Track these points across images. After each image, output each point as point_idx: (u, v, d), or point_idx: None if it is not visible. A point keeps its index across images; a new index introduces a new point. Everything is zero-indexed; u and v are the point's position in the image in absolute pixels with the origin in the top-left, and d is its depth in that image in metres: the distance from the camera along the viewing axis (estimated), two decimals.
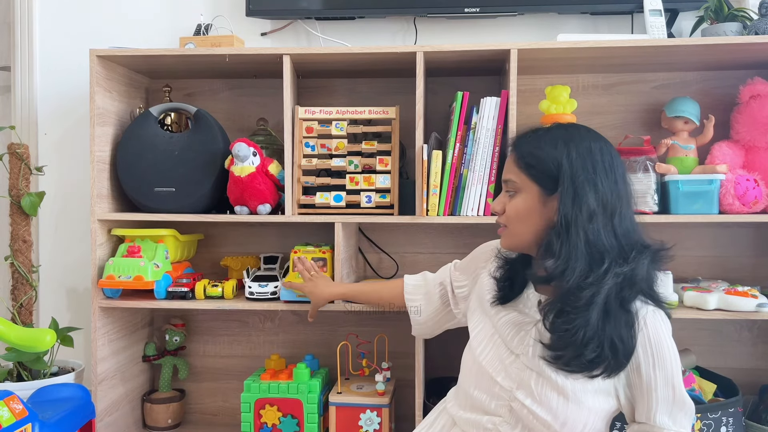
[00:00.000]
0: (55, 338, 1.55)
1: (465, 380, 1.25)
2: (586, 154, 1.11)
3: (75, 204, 2.09)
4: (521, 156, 1.16)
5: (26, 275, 1.82)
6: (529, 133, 1.20)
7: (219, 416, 2.08)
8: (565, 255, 1.07)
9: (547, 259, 1.09)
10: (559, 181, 1.10)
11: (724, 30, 1.73)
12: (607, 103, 1.92)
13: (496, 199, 1.22)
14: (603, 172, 1.11)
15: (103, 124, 1.79)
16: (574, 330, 1.06)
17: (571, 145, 1.12)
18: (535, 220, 1.14)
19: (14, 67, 2.12)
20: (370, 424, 1.71)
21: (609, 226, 1.09)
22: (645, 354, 1.09)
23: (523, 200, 1.15)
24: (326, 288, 1.63)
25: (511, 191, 1.17)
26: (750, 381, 1.86)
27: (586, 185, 1.09)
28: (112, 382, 1.83)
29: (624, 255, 1.08)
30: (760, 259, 1.90)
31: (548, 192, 1.12)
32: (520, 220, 1.15)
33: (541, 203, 1.13)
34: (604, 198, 1.09)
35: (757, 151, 1.76)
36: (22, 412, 1.39)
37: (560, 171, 1.10)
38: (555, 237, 1.09)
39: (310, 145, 1.74)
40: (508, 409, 1.15)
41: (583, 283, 1.06)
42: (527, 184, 1.14)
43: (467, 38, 1.99)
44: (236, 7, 2.03)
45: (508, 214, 1.17)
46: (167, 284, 1.75)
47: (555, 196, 1.11)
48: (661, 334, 1.09)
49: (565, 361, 1.09)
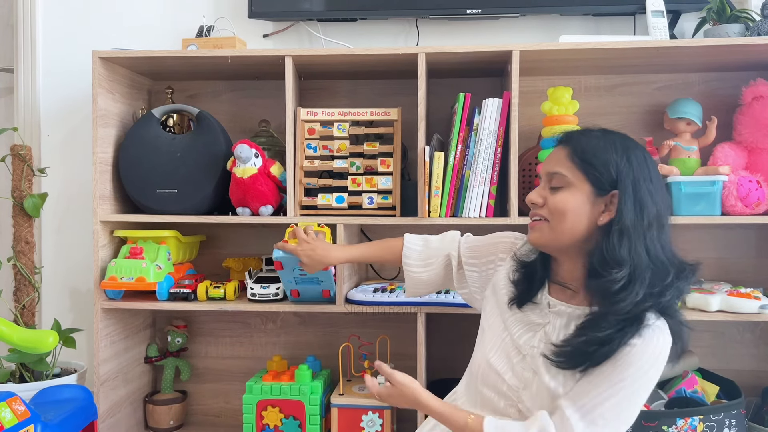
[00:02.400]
0: (58, 339, 1.55)
1: (475, 377, 1.24)
2: (643, 163, 1.11)
3: (77, 205, 2.10)
4: (578, 151, 1.12)
5: (29, 276, 1.82)
6: (584, 131, 1.18)
7: (221, 417, 2.08)
8: (630, 263, 1.05)
9: (612, 268, 1.06)
10: (619, 183, 1.08)
11: (726, 31, 1.73)
12: (610, 105, 1.92)
13: (534, 191, 1.17)
14: (658, 182, 1.12)
15: (105, 126, 1.79)
16: (591, 341, 1.06)
17: (630, 150, 1.11)
18: (581, 219, 1.11)
19: (17, 68, 2.12)
20: (372, 426, 1.71)
21: (661, 238, 1.09)
22: (617, 357, 1.05)
23: (572, 196, 1.11)
24: (325, 252, 1.47)
25: (557, 185, 1.13)
26: (753, 383, 1.85)
27: (646, 193, 1.08)
28: (114, 384, 1.83)
29: (667, 270, 1.08)
30: (763, 260, 1.90)
31: (600, 193, 1.10)
32: (564, 216, 1.11)
33: (590, 203, 1.10)
34: (659, 208, 1.09)
35: (760, 153, 1.75)
36: (25, 413, 1.40)
37: (620, 173, 1.09)
38: (616, 242, 1.06)
39: (312, 146, 1.74)
40: (516, 409, 1.15)
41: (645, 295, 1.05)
42: (580, 180, 1.11)
43: (469, 40, 1.99)
44: (238, 9, 2.03)
45: (552, 207, 1.13)
46: (169, 285, 1.76)
47: (604, 199, 1.10)
48: (645, 353, 1.05)
49: (564, 362, 1.09)
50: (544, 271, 1.20)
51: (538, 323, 1.17)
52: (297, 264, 1.55)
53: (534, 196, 1.16)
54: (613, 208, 1.09)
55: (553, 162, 1.16)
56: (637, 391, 1.06)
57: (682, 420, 1.53)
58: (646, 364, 1.05)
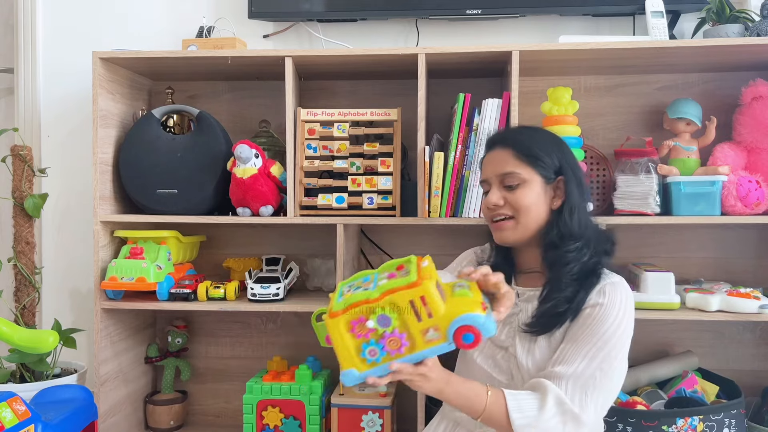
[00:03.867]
0: (58, 340, 1.56)
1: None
2: (568, 148, 1.29)
3: (78, 206, 2.10)
4: (524, 148, 1.25)
5: (29, 277, 1.82)
6: (516, 131, 1.36)
7: (221, 418, 2.08)
8: (581, 234, 1.22)
9: (569, 241, 1.21)
10: (563, 170, 1.25)
11: (725, 31, 1.73)
12: (609, 105, 1.92)
13: (491, 194, 1.26)
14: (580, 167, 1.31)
15: (105, 126, 1.79)
16: (558, 302, 1.19)
17: (559, 140, 1.30)
18: (541, 208, 1.24)
19: (17, 69, 2.12)
20: (372, 426, 1.71)
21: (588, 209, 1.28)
22: (590, 319, 1.17)
23: (530, 190, 1.24)
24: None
25: (512, 184, 1.24)
26: (752, 383, 1.85)
27: (580, 172, 1.27)
28: (115, 384, 1.84)
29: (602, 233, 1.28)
30: (763, 260, 1.90)
31: (549, 181, 1.25)
32: (529, 209, 1.23)
33: (544, 192, 1.25)
34: (586, 186, 1.29)
35: (759, 153, 1.75)
36: (25, 413, 1.40)
37: (561, 161, 1.25)
38: (568, 219, 1.22)
39: (312, 146, 1.74)
40: None
41: (584, 259, 1.21)
42: (531, 174, 1.24)
43: (469, 40, 1.99)
44: (238, 10, 2.03)
45: (517, 205, 1.24)
46: (170, 286, 1.76)
47: (552, 185, 1.25)
48: (614, 308, 1.17)
49: (541, 329, 1.20)
50: (509, 266, 1.30)
51: (512, 314, 1.26)
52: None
53: (494, 198, 1.26)
54: (561, 192, 1.25)
55: (500, 164, 1.26)
56: (618, 342, 1.16)
57: (681, 420, 1.53)
58: (618, 316, 1.17)
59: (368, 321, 0.98)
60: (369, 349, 1.00)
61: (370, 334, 0.99)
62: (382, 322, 0.98)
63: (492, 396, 1.12)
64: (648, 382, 1.77)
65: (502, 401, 1.11)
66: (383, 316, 0.98)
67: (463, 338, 0.98)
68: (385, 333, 0.99)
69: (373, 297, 0.99)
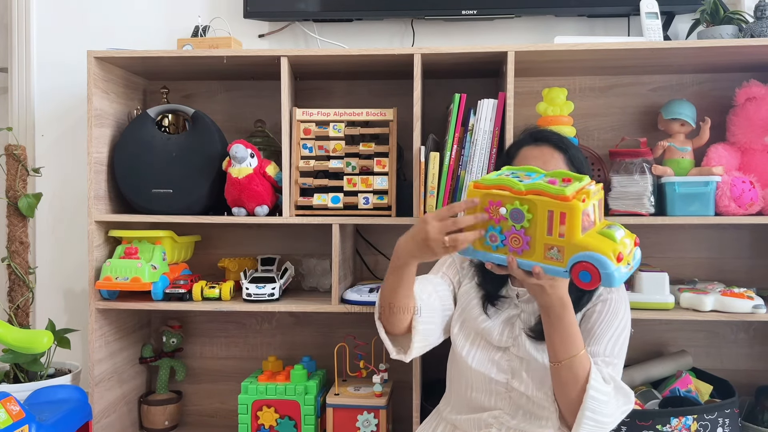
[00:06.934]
0: (52, 340, 1.55)
1: (458, 386, 1.32)
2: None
3: (72, 205, 2.09)
4: (575, 162, 1.28)
5: (23, 277, 1.81)
6: (568, 139, 1.33)
7: (216, 418, 2.08)
8: None
9: None
10: None
11: (720, 33, 1.73)
12: (604, 106, 1.93)
13: None
14: None
15: (100, 126, 1.79)
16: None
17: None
18: None
19: (11, 68, 2.11)
20: (368, 426, 1.71)
21: None
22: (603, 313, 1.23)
23: None
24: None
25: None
26: (746, 382, 1.86)
27: None
28: (109, 384, 1.83)
29: None
30: (756, 260, 1.91)
31: None
32: None
33: None
34: None
35: (753, 153, 1.76)
36: (19, 413, 1.39)
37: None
38: None
39: (307, 146, 1.74)
40: (507, 400, 1.25)
41: None
42: None
43: (464, 40, 2.00)
44: (234, 9, 2.03)
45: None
46: (164, 286, 1.75)
47: None
48: (620, 301, 1.26)
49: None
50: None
51: (513, 314, 1.28)
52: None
53: None
54: None
55: (551, 161, 1.26)
56: (625, 329, 1.26)
57: (676, 419, 1.54)
58: (625, 307, 1.27)
59: (502, 208, 1.00)
60: (491, 234, 1.02)
61: (500, 221, 1.00)
62: (514, 215, 1.00)
63: (585, 352, 1.14)
64: (642, 382, 1.78)
65: (588, 363, 1.13)
66: (518, 210, 0.99)
67: (581, 275, 0.96)
68: (513, 228, 1.00)
69: (518, 188, 0.99)
